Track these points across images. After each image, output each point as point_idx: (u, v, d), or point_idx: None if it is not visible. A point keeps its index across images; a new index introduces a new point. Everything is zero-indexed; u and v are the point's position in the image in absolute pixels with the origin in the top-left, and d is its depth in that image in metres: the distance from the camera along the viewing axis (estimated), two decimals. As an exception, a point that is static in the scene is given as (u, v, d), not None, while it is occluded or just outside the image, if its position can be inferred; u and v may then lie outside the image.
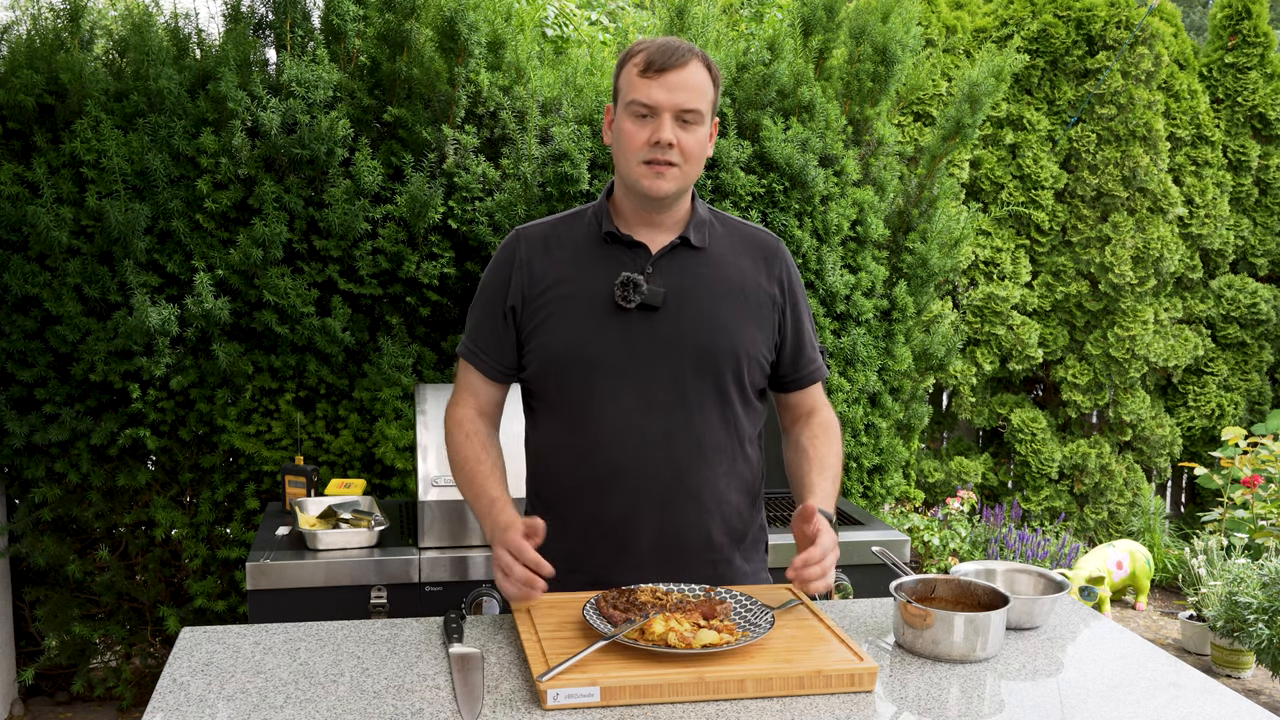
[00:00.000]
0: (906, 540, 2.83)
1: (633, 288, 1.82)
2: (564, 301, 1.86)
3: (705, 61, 1.82)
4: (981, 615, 1.67)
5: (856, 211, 3.77)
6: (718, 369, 1.87)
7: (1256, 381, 5.70)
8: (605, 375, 1.84)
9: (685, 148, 1.80)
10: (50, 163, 3.17)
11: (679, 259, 1.89)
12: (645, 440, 1.85)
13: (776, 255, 1.97)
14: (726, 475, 1.91)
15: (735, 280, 1.91)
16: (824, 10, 3.77)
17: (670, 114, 1.78)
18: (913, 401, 4.14)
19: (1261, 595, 3.86)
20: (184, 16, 3.37)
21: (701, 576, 1.89)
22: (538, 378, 1.91)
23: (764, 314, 1.92)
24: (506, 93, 3.41)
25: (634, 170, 1.81)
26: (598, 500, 1.88)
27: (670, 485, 1.86)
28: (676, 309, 1.86)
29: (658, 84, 1.77)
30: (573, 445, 1.89)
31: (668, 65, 1.77)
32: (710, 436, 1.88)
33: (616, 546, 1.87)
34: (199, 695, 1.51)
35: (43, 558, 3.36)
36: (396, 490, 3.43)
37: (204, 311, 3.14)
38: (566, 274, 1.88)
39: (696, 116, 1.80)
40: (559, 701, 1.47)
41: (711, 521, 1.90)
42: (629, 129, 1.81)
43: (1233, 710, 1.55)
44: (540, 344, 1.88)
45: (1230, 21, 5.52)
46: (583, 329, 1.85)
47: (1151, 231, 5.26)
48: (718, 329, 1.87)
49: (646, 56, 1.79)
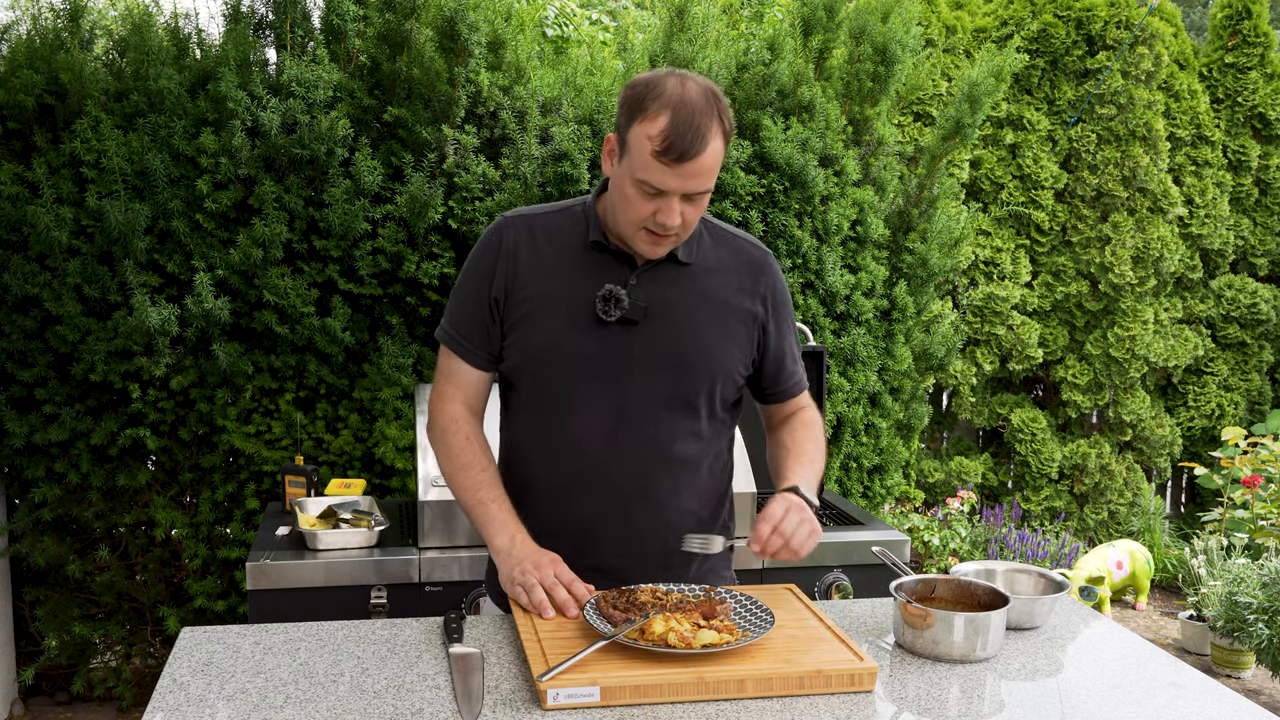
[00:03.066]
0: (906, 540, 2.83)
1: (614, 302, 1.81)
2: (546, 303, 1.85)
3: (722, 127, 1.71)
4: (981, 615, 1.67)
5: (856, 211, 3.77)
6: (692, 386, 1.86)
7: (1256, 381, 5.70)
8: (580, 381, 1.84)
9: (688, 220, 1.76)
10: (50, 163, 3.17)
11: (663, 272, 1.87)
12: (611, 449, 1.84)
13: (764, 270, 1.94)
14: (689, 487, 1.90)
15: (718, 296, 1.89)
16: (824, 10, 3.77)
17: (680, 195, 1.73)
18: (913, 401, 4.14)
19: (1261, 595, 3.86)
20: (184, 16, 3.37)
21: (662, 580, 1.89)
22: (514, 372, 1.91)
23: (744, 331, 1.91)
24: (506, 93, 3.41)
25: (632, 233, 1.78)
26: (561, 502, 1.88)
27: (633, 496, 1.86)
28: (657, 323, 1.84)
29: (674, 172, 1.68)
30: (543, 445, 1.89)
31: (687, 153, 1.66)
32: (678, 451, 1.87)
33: (575, 550, 1.86)
34: (199, 695, 1.51)
35: (43, 558, 3.36)
36: (396, 490, 3.43)
37: (204, 311, 3.14)
38: (550, 274, 1.86)
39: (705, 192, 1.75)
40: (559, 701, 1.47)
41: (670, 533, 1.89)
42: (633, 198, 1.73)
43: (1233, 710, 1.55)
44: (519, 340, 1.87)
45: (1230, 21, 5.52)
46: (562, 333, 1.84)
47: (1151, 231, 5.26)
48: (696, 346, 1.86)
49: (665, 138, 1.66)
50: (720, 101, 1.72)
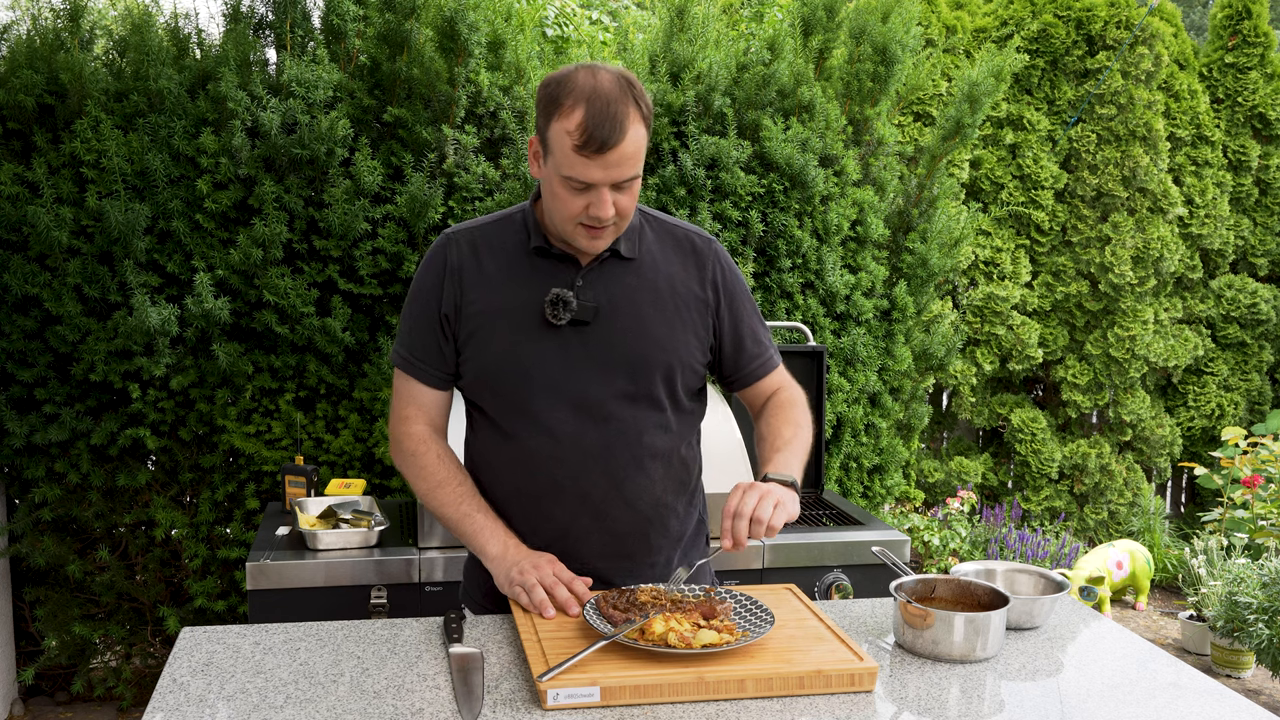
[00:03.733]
0: (906, 540, 2.83)
1: (562, 305, 1.80)
2: (494, 315, 1.84)
3: (640, 111, 1.71)
4: (981, 615, 1.67)
5: (856, 211, 3.77)
6: (650, 379, 1.86)
7: (1256, 381, 5.70)
8: (539, 389, 1.83)
9: (622, 208, 1.75)
10: (50, 163, 3.17)
11: (609, 270, 1.86)
12: (582, 452, 1.84)
13: (707, 256, 1.93)
14: (663, 480, 1.90)
15: (666, 288, 1.88)
16: (824, 10, 3.77)
17: (609, 186, 1.72)
18: (913, 401, 4.14)
19: (1261, 595, 3.86)
20: (184, 16, 3.37)
21: (646, 579, 1.90)
22: (473, 388, 1.90)
23: (696, 318, 1.90)
24: (506, 93, 3.41)
25: (570, 230, 1.78)
26: (536, 511, 1.88)
27: (608, 495, 1.86)
28: (608, 321, 1.84)
29: (596, 163, 1.68)
30: (510, 457, 1.87)
31: (607, 143, 1.66)
32: (646, 445, 1.87)
33: (558, 554, 1.86)
34: (199, 695, 1.51)
35: (43, 558, 3.36)
36: (396, 490, 3.43)
37: (204, 311, 3.14)
38: (496, 287, 1.85)
39: (634, 179, 1.75)
40: (559, 701, 1.47)
41: (650, 528, 1.90)
42: (563, 196, 1.73)
43: (1233, 710, 1.55)
44: (472, 356, 1.86)
45: (1230, 21, 5.52)
46: (514, 343, 1.83)
47: (1151, 231, 5.26)
48: (649, 340, 1.85)
49: (583, 131, 1.66)
50: (635, 87, 1.71)
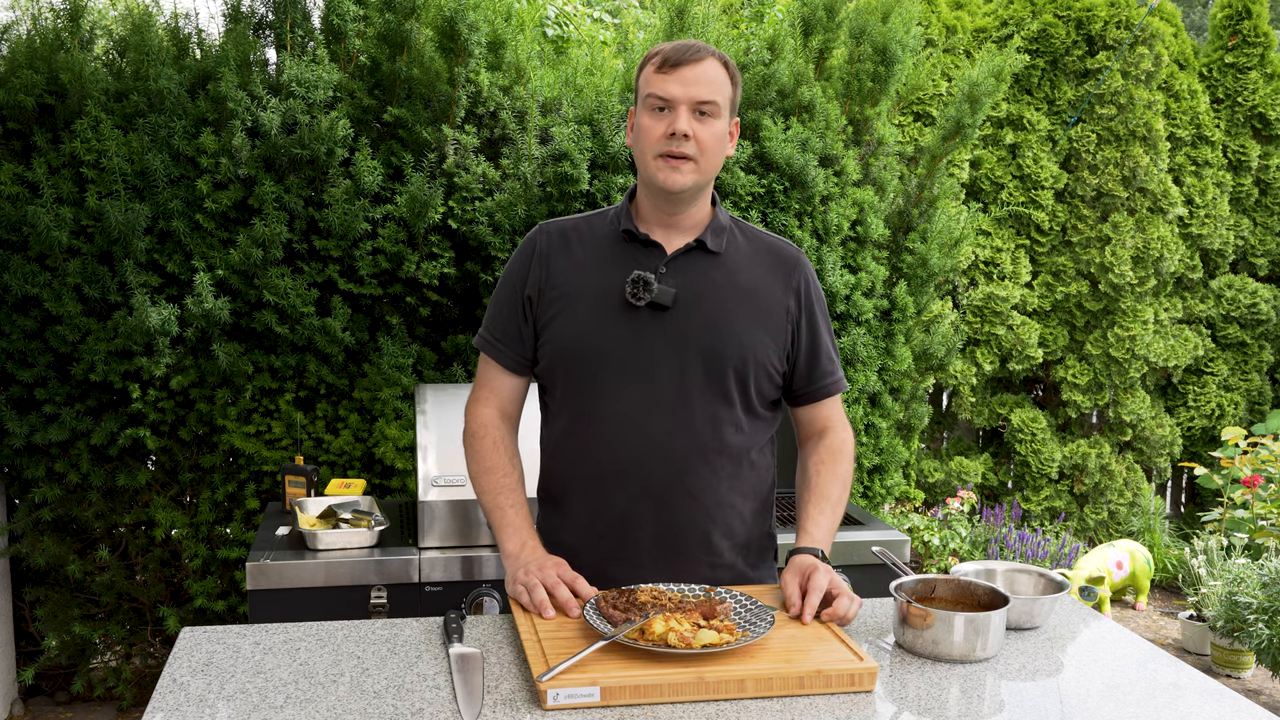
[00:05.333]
0: (906, 540, 2.83)
1: (643, 285, 1.85)
2: (576, 296, 1.90)
3: (723, 60, 1.86)
4: (981, 615, 1.67)
5: (856, 211, 3.77)
6: (723, 371, 1.88)
7: (1256, 381, 5.70)
8: (611, 371, 1.87)
9: (702, 141, 1.83)
10: (50, 163, 3.17)
11: (694, 261, 1.91)
12: (647, 438, 1.86)
13: (796, 266, 1.98)
14: (729, 479, 1.91)
15: (748, 286, 1.92)
16: (824, 10, 3.77)
17: (686, 106, 1.81)
18: (913, 401, 4.14)
19: (1261, 595, 3.86)
20: (184, 16, 3.37)
21: (701, 579, 1.90)
22: (548, 372, 1.95)
23: (776, 322, 1.93)
24: (506, 93, 3.41)
25: (650, 164, 1.85)
26: (599, 496, 1.90)
27: (670, 483, 1.87)
28: (686, 310, 1.88)
29: (674, 78, 1.81)
30: (578, 441, 1.92)
31: (684, 60, 1.81)
32: (712, 439, 1.89)
33: (615, 543, 1.89)
34: (199, 695, 1.51)
35: (43, 558, 3.36)
36: (396, 490, 3.43)
37: (204, 311, 3.14)
38: (581, 270, 1.92)
39: (713, 109, 1.83)
40: (559, 701, 1.47)
41: (711, 524, 1.91)
42: (646, 123, 1.84)
43: (1233, 710, 1.55)
44: (551, 337, 1.91)
45: (1230, 21, 5.52)
46: (592, 324, 1.88)
47: (1151, 231, 5.26)
48: (726, 331, 1.88)
49: (663, 55, 1.83)
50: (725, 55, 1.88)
